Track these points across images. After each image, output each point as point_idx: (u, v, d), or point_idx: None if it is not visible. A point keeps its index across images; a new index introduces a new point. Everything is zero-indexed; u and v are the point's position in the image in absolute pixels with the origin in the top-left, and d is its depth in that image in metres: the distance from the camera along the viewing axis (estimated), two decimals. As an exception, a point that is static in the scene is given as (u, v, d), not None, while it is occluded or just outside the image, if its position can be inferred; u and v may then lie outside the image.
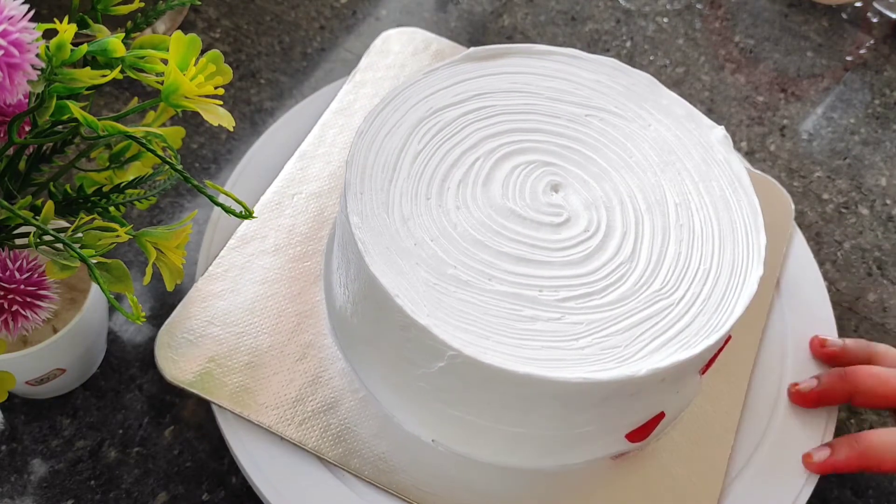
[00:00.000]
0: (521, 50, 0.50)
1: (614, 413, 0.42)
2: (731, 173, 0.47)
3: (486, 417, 0.42)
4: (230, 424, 0.45)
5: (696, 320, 0.42)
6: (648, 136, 0.48)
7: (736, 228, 0.45)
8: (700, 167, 0.47)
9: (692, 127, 0.48)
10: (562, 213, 0.45)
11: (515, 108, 0.48)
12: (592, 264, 0.43)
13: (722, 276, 0.43)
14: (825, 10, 0.78)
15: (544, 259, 0.43)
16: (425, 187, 0.44)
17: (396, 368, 0.43)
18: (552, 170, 0.46)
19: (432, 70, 0.49)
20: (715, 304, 0.42)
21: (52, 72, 0.34)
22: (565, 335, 0.40)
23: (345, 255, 0.44)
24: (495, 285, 0.42)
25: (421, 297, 0.40)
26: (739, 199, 0.46)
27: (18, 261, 0.38)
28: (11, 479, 0.47)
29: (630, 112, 0.49)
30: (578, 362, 0.39)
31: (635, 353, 0.40)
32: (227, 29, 0.69)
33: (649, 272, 0.43)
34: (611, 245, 0.44)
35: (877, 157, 0.68)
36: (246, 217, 0.39)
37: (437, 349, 0.39)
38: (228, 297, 0.48)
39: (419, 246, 0.42)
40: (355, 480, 0.44)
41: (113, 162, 0.44)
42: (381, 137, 0.46)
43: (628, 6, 0.76)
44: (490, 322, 0.40)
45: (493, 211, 0.44)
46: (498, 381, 0.39)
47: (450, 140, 0.46)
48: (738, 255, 0.44)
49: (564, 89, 0.50)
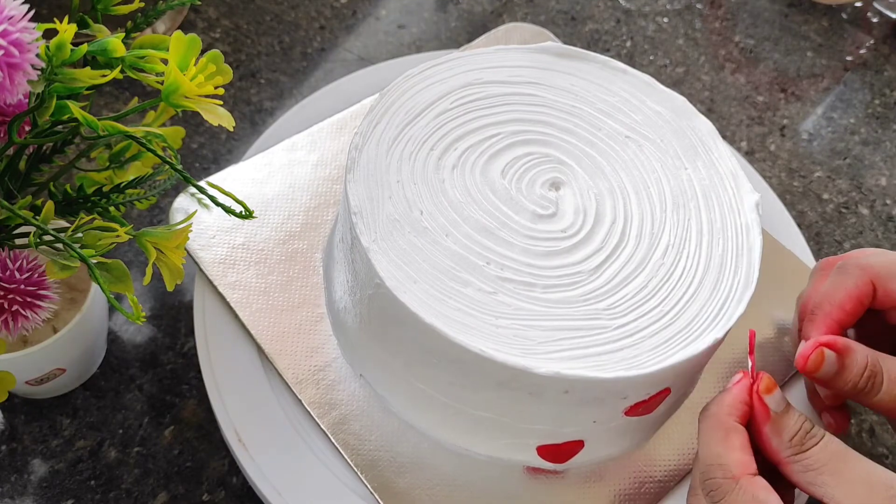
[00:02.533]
0: (599, 60, 0.50)
1: (513, 408, 0.41)
2: (745, 240, 0.45)
3: (398, 361, 0.43)
4: (230, 424, 0.45)
5: (625, 350, 0.40)
6: (678, 176, 0.47)
7: (718, 290, 0.43)
8: (715, 223, 0.45)
9: (729, 184, 0.47)
10: (549, 208, 0.44)
11: (559, 106, 0.48)
12: (552, 262, 0.43)
13: (676, 324, 0.41)
14: (825, 10, 0.78)
15: (508, 238, 0.43)
16: (435, 140, 0.46)
17: (345, 291, 0.45)
18: (562, 169, 0.46)
19: (503, 48, 0.50)
20: (653, 345, 0.40)
21: (52, 72, 0.34)
22: (489, 310, 0.40)
23: (344, 173, 0.46)
24: (449, 242, 0.42)
25: (376, 223, 0.42)
26: (738, 267, 0.44)
27: (18, 261, 0.38)
28: (11, 479, 0.47)
29: (673, 150, 0.48)
30: (486, 337, 0.39)
31: (545, 352, 0.39)
32: (227, 29, 0.69)
33: (604, 290, 0.42)
34: (580, 252, 0.43)
35: (877, 157, 0.68)
36: (246, 217, 0.39)
37: (369, 274, 0.41)
38: (256, 186, 0.52)
39: (400, 184, 0.44)
40: (356, 480, 0.44)
41: (113, 162, 0.44)
42: (424, 86, 0.47)
43: (628, 6, 0.76)
44: (425, 270, 0.41)
45: (485, 182, 0.45)
46: (407, 325, 0.40)
47: (481, 111, 0.47)
48: (704, 313, 0.42)
49: (619, 108, 0.49)
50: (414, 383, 0.43)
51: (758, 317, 0.50)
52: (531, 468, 0.45)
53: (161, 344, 0.52)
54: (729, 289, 0.43)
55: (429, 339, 0.39)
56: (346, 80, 0.60)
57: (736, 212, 0.46)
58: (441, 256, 0.42)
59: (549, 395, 0.40)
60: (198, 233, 0.50)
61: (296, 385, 0.46)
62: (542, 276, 0.42)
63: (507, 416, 0.42)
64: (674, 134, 0.48)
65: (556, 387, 0.39)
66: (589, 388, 0.39)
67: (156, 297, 0.54)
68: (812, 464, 0.37)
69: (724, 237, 0.45)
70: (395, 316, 0.40)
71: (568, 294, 0.42)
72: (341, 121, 0.56)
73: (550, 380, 0.38)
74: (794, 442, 0.38)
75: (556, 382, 0.39)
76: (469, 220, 0.43)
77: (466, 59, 0.49)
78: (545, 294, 0.41)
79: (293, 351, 0.47)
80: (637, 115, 0.49)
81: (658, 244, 0.44)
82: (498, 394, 0.40)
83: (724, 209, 0.46)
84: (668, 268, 0.43)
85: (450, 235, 0.42)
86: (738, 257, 0.44)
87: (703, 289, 0.43)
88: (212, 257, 0.49)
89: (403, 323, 0.40)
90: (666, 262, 0.43)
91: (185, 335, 0.52)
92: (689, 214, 0.45)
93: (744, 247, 0.44)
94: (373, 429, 0.45)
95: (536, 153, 0.46)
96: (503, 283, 0.41)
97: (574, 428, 0.43)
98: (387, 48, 0.69)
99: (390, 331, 0.42)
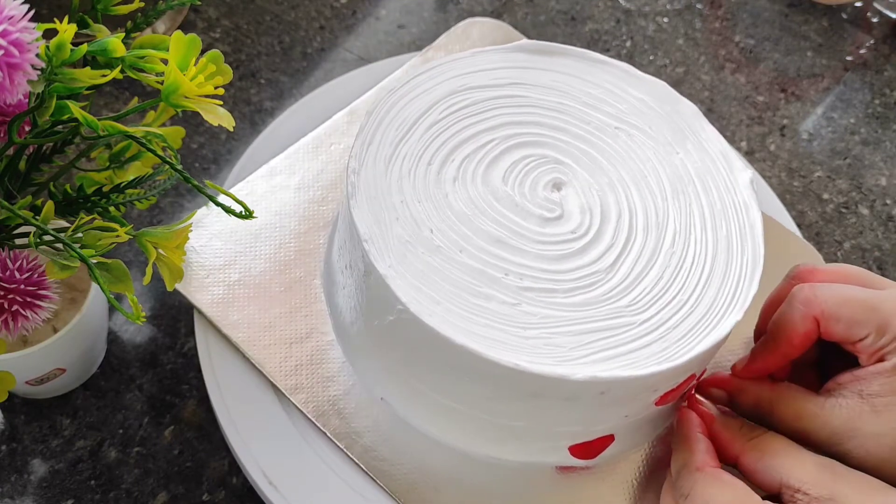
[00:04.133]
0: (576, 53, 0.50)
1: (547, 415, 0.41)
2: (745, 219, 0.45)
3: (425, 383, 0.42)
4: (231, 424, 0.45)
5: (654, 345, 0.40)
6: (672, 162, 0.47)
7: (729, 272, 0.43)
8: (715, 205, 0.46)
9: (721, 165, 0.47)
10: (555, 210, 0.44)
11: (546, 104, 0.48)
12: (567, 264, 0.43)
13: (696, 311, 0.42)
14: (825, 10, 0.78)
15: (521, 246, 0.43)
16: (431, 153, 0.45)
17: (358, 317, 0.44)
18: (561, 169, 0.46)
19: (480, 51, 0.50)
20: (679, 335, 0.41)
21: (52, 72, 0.34)
22: (515, 321, 0.40)
23: (342, 198, 0.45)
24: (464, 258, 0.42)
25: (389, 248, 0.41)
26: (744, 246, 0.44)
27: (18, 261, 0.38)
28: (11, 479, 0.47)
29: (662, 136, 0.48)
30: (517, 349, 0.39)
31: (578, 357, 0.39)
32: (227, 29, 0.69)
33: (622, 287, 0.42)
34: (593, 252, 0.43)
35: (877, 157, 0.68)
36: (246, 217, 0.39)
37: (389, 301, 0.40)
38: (240, 219, 0.51)
39: (405, 204, 0.43)
40: (357, 481, 0.44)
41: (113, 162, 0.44)
42: (409, 99, 0.47)
43: (628, 6, 0.76)
44: (446, 290, 0.40)
45: (488, 190, 0.45)
46: (435, 347, 0.39)
47: (471, 118, 0.47)
48: (721, 297, 0.42)
49: (604, 99, 0.49)
50: (442, 401, 0.43)
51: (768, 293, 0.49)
52: (562, 467, 0.45)
53: (161, 344, 0.52)
54: (740, 269, 0.43)
55: (460, 358, 0.39)
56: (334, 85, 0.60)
57: (732, 191, 0.46)
58: (459, 273, 0.41)
59: (585, 399, 0.40)
60: (189, 276, 0.48)
61: (318, 418, 0.45)
62: (561, 281, 0.42)
63: (540, 423, 0.42)
64: (661, 120, 0.49)
65: (593, 390, 0.39)
66: (625, 387, 0.40)
67: (156, 297, 0.54)
68: (765, 446, 0.40)
69: (726, 218, 0.45)
70: (422, 339, 0.40)
71: (589, 295, 0.42)
72: (316, 139, 0.55)
73: (587, 384, 0.39)
74: (744, 430, 0.41)
75: (593, 386, 0.39)
76: (480, 233, 0.43)
77: (446, 66, 0.49)
78: (567, 298, 0.41)
79: (309, 384, 0.46)
80: (622, 104, 0.49)
81: (665, 233, 0.45)
82: (532, 403, 0.41)
83: (720, 190, 0.46)
84: (680, 256, 0.44)
85: (464, 251, 0.42)
86: (742, 237, 0.45)
87: (716, 271, 0.43)
88: (209, 299, 0.48)
89: (431, 345, 0.39)
90: (676, 251, 0.44)
91: (185, 335, 0.52)
92: (690, 199, 0.46)
93: (746, 225, 0.45)
94: (402, 451, 0.45)
95: (533, 155, 0.46)
96: (525, 292, 0.41)
97: (605, 425, 0.43)
98: (387, 48, 0.69)
99: (416, 354, 0.41)
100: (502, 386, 0.40)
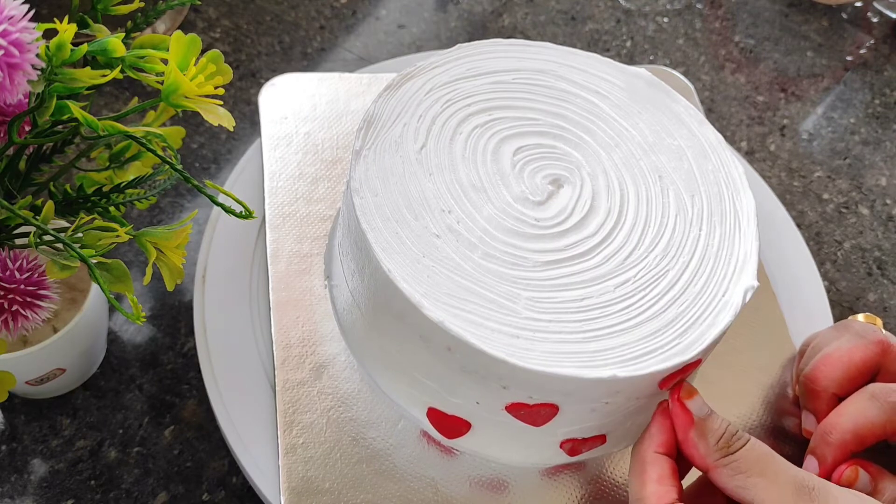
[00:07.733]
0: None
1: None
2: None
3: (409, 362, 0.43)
4: (230, 424, 0.45)
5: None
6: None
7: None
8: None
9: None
10: (579, 214, 0.44)
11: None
12: (567, 239, 0.43)
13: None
14: (825, 10, 0.78)
15: (531, 232, 0.43)
16: (439, 127, 0.46)
17: (344, 261, 0.45)
18: (565, 166, 0.46)
19: (516, 43, 0.50)
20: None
21: (52, 72, 0.34)
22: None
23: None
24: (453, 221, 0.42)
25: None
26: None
27: (18, 261, 0.38)
28: (11, 479, 0.47)
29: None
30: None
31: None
32: (227, 29, 0.69)
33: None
34: (592, 224, 0.44)
35: (877, 157, 0.68)
36: (246, 217, 0.39)
37: (365, 247, 0.41)
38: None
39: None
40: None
41: (113, 162, 0.44)
42: (431, 78, 0.47)
43: (628, 6, 0.76)
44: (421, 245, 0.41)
45: (492, 160, 0.45)
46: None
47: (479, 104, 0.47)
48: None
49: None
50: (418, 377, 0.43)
51: None
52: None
53: (161, 344, 0.52)
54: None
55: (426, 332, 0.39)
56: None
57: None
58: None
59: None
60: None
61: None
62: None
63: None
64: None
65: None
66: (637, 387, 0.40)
67: (156, 297, 0.54)
68: (741, 466, 0.37)
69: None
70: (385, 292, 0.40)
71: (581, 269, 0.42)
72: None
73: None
74: (721, 444, 0.38)
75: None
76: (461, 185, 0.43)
77: (479, 48, 0.49)
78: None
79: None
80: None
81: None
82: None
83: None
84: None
85: (452, 212, 0.42)
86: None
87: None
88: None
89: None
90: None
91: (185, 335, 0.52)
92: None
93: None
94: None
95: (533, 144, 0.46)
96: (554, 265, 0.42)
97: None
98: (387, 48, 0.69)
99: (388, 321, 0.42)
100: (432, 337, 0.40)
